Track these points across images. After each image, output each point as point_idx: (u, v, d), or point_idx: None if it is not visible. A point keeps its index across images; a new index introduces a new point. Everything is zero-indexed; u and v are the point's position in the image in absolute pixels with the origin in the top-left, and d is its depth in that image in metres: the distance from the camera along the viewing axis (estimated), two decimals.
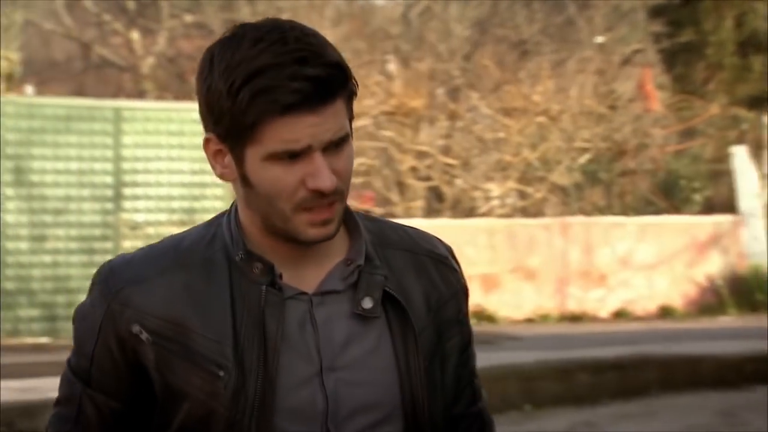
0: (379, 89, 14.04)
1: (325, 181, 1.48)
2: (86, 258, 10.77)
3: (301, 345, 1.53)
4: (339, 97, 1.49)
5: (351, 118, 1.53)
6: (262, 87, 1.44)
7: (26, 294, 10.75)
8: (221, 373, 1.50)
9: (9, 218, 10.63)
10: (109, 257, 1.69)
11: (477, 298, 12.53)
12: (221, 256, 1.55)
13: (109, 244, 10.90)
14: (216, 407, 1.51)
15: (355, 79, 1.52)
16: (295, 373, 1.53)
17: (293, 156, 1.47)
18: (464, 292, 1.68)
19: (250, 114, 1.45)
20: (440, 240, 1.71)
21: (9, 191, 10.65)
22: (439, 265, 1.66)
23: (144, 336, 1.52)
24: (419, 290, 1.61)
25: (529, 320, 13.01)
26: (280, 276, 1.54)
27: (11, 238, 10.63)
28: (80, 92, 17.15)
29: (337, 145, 1.50)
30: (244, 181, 1.51)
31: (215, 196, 11.36)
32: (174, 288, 1.53)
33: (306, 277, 1.56)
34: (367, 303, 1.56)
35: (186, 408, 1.52)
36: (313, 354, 1.54)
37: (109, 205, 11.00)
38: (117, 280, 1.56)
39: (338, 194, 1.51)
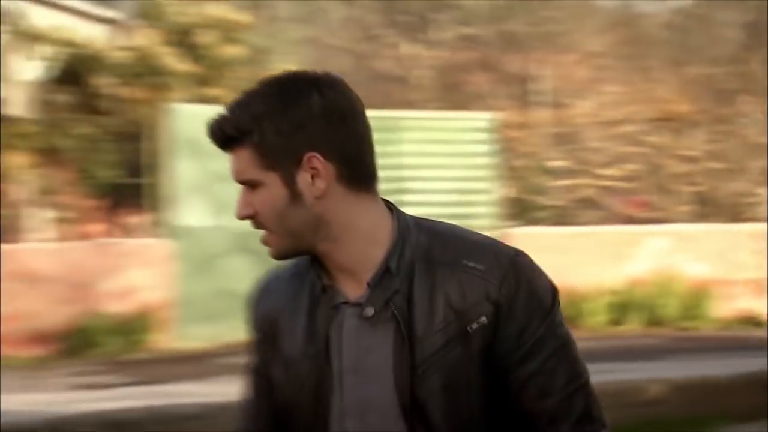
0: (645, 95, 14.03)
1: (236, 209, 1.78)
2: None
3: (335, 347, 1.79)
4: (238, 148, 1.75)
5: (271, 167, 1.73)
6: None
7: None
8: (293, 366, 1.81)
9: None
10: None
11: (745, 303, 12.35)
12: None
13: None
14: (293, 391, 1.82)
15: (265, 137, 1.73)
16: (342, 370, 1.79)
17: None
18: (507, 302, 1.74)
19: None
20: (499, 249, 1.80)
21: None
22: (470, 277, 1.75)
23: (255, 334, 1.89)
24: (440, 302, 1.75)
25: None
26: (329, 286, 1.80)
27: None
28: None
29: (252, 186, 1.76)
30: None
31: (484, 202, 11.70)
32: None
33: (350, 286, 1.80)
34: (369, 311, 1.76)
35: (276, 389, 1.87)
36: (340, 354, 1.78)
37: None
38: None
39: (259, 225, 1.77)
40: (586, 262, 11.89)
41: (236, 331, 6.38)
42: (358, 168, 1.77)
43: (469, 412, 1.74)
